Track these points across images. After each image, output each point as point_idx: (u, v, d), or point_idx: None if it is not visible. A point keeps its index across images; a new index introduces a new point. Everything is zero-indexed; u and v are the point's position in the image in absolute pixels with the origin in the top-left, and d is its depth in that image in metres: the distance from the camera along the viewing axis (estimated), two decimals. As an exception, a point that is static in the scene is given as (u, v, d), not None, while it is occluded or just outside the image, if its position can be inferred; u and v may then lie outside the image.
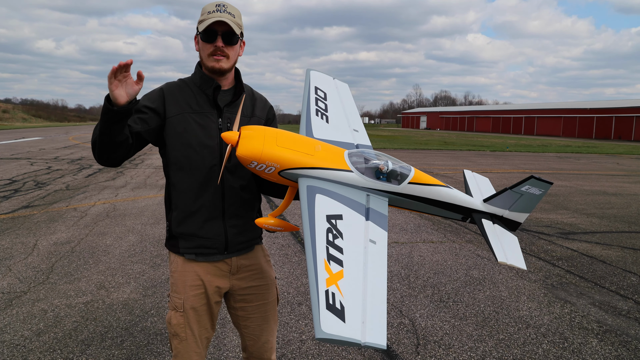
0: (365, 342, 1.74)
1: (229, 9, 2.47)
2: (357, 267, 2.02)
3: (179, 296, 2.57)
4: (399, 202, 2.56)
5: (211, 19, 2.41)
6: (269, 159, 2.27)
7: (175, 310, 2.57)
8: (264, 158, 2.27)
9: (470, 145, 41.22)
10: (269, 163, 2.28)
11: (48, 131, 54.86)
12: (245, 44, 2.68)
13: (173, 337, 2.59)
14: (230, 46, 2.48)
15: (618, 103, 76.62)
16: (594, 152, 36.10)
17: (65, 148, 28.44)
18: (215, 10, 2.44)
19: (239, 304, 2.71)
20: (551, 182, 2.75)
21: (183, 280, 2.57)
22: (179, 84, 2.61)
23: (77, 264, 6.50)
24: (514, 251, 2.70)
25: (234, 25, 2.44)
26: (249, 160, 2.26)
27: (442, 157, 27.86)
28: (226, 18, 2.41)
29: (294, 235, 8.18)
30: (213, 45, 2.45)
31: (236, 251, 2.63)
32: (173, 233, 2.58)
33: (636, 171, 21.62)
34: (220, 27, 2.43)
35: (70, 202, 11.03)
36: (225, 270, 2.63)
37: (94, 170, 17.11)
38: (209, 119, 2.53)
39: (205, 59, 2.50)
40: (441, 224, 9.48)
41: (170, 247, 2.63)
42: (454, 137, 64.09)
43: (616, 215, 10.74)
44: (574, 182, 16.94)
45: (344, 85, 3.31)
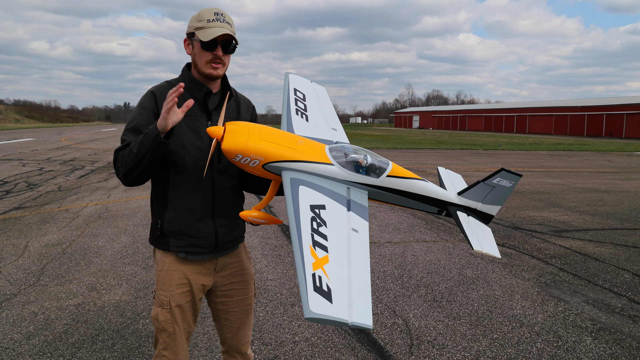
0: (352, 322, 1.82)
1: (226, 19, 2.54)
2: (342, 253, 2.11)
3: (165, 294, 2.64)
4: (378, 195, 2.67)
5: (214, 29, 2.47)
6: (254, 152, 2.35)
7: (162, 307, 2.64)
8: (248, 151, 2.34)
9: (463, 144, 41.31)
10: (253, 156, 2.36)
11: (40, 132, 54.53)
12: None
13: (161, 332, 2.67)
14: (227, 55, 2.58)
15: (608, 101, 77.10)
16: (585, 150, 36.28)
17: (57, 149, 28.25)
18: (215, 20, 2.49)
19: (220, 299, 2.83)
20: (520, 175, 2.90)
21: (169, 278, 2.64)
22: (167, 87, 2.63)
23: (68, 266, 6.44)
24: (489, 241, 2.84)
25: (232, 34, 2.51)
26: (233, 153, 2.33)
27: (435, 156, 27.91)
28: (227, 29, 2.49)
29: (286, 236, 8.15)
30: (213, 53, 2.52)
31: (224, 250, 2.73)
32: (164, 231, 2.62)
33: (627, 168, 21.73)
34: (221, 37, 2.49)
35: (62, 203, 10.95)
36: (211, 269, 2.74)
37: (86, 172, 17.00)
38: (199, 122, 2.60)
39: (203, 66, 2.56)
40: (434, 223, 9.48)
41: (159, 245, 2.67)
42: (447, 136, 64.23)
43: (608, 213, 10.78)
44: (566, 179, 17.00)
45: (321, 87, 3.44)
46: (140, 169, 2.41)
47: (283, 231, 8.48)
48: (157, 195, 2.67)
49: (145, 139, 2.34)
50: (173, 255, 2.65)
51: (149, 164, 2.40)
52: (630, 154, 32.54)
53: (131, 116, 2.61)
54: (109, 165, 18.94)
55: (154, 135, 2.31)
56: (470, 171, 19.37)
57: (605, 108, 72.97)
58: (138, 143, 2.36)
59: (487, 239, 2.85)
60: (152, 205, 2.71)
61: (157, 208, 2.67)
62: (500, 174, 2.85)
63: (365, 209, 2.45)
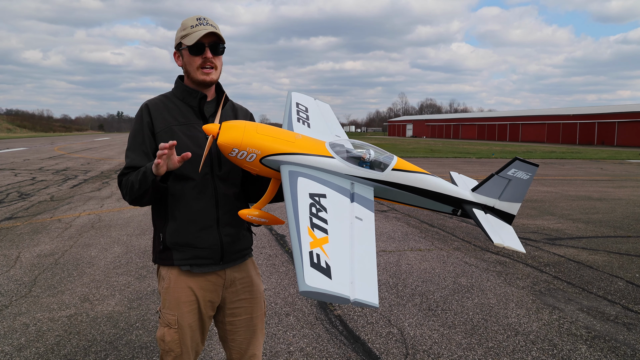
0: (355, 298, 1.68)
1: (209, 22, 2.52)
2: (344, 236, 1.98)
3: (173, 312, 2.54)
4: (385, 191, 2.53)
5: (199, 32, 2.45)
6: (250, 144, 2.29)
7: (169, 327, 2.53)
8: (244, 145, 2.28)
9: (457, 153, 41.46)
10: (249, 149, 2.29)
11: (33, 141, 54.27)
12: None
13: (167, 353, 2.55)
14: (217, 56, 2.53)
15: (600, 109, 77.72)
16: (578, 158, 36.48)
17: (50, 158, 28.12)
18: (198, 24, 2.48)
19: (228, 318, 2.69)
20: (537, 165, 2.73)
21: (176, 297, 2.54)
22: (161, 99, 2.63)
23: (60, 277, 6.38)
24: (510, 236, 2.65)
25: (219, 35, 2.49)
26: (229, 147, 2.28)
27: (429, 164, 27.97)
28: (212, 29, 2.46)
29: (281, 245, 8.13)
30: (202, 57, 2.49)
31: (231, 261, 2.62)
32: (167, 244, 2.53)
33: (619, 176, 21.85)
34: (207, 39, 2.47)
35: (55, 213, 10.88)
36: (219, 284, 2.62)
37: (79, 181, 16.92)
38: (196, 129, 2.54)
39: (194, 72, 2.53)
40: (429, 231, 9.48)
41: (162, 261, 2.58)
42: (440, 144, 64.45)
43: (601, 220, 10.82)
44: (559, 187, 17.07)
45: (325, 104, 3.35)
46: (146, 198, 2.44)
47: (277, 240, 8.45)
48: (158, 208, 2.60)
49: (144, 178, 2.35)
50: (177, 270, 2.55)
51: (154, 195, 2.42)
52: (622, 162, 32.73)
53: (130, 132, 2.62)
54: (102, 175, 18.86)
55: (152, 180, 2.32)
56: (464, 179, 19.40)
57: (597, 116, 73.52)
58: (139, 181, 2.37)
59: (508, 233, 2.67)
60: (154, 220, 2.64)
61: (158, 222, 2.60)
62: (515, 164, 2.69)
63: (370, 202, 2.31)
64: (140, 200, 2.45)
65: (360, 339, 4.64)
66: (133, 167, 2.49)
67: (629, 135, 67.73)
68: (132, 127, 2.61)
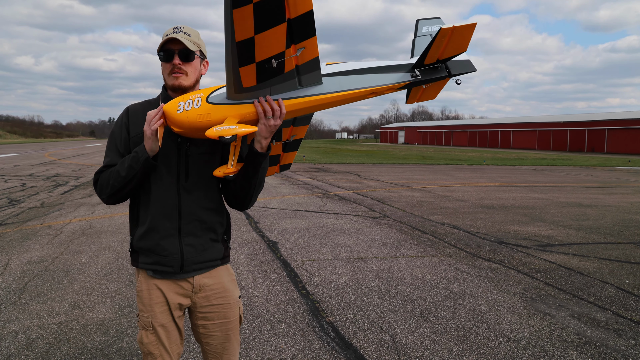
0: None
1: (185, 30, 2.60)
2: None
3: (147, 314, 2.61)
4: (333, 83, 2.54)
5: (165, 39, 2.56)
6: (192, 94, 2.46)
7: (145, 329, 2.60)
8: (185, 97, 2.43)
9: (448, 159, 41.62)
10: (192, 97, 2.42)
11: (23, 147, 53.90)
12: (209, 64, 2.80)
13: (147, 356, 2.61)
14: (187, 63, 2.59)
15: (590, 116, 78.36)
16: (568, 165, 36.72)
17: (40, 164, 27.95)
18: (172, 32, 2.56)
19: (200, 322, 2.72)
20: (438, 17, 2.94)
21: (149, 298, 2.62)
22: (144, 104, 2.72)
23: (50, 283, 6.33)
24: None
25: (188, 43, 2.54)
26: (174, 104, 2.41)
27: (421, 171, 28.07)
28: (181, 37, 2.53)
29: (272, 252, 8.11)
30: (171, 63, 2.57)
31: (192, 271, 2.63)
32: (134, 247, 2.64)
33: (609, 183, 22.01)
34: (176, 46, 2.55)
35: (45, 219, 10.81)
36: (188, 289, 2.66)
37: (70, 187, 16.82)
38: (168, 139, 2.57)
39: (166, 78, 2.63)
40: (420, 238, 9.49)
41: (132, 262, 2.69)
42: (432, 151, 64.69)
43: (592, 227, 10.89)
44: (550, 194, 17.17)
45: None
46: (127, 189, 2.53)
47: (269, 247, 8.43)
48: (132, 211, 2.71)
49: (134, 162, 2.43)
50: (145, 272, 2.64)
51: (136, 184, 2.52)
52: (612, 169, 32.98)
53: (109, 133, 2.73)
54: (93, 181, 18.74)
55: (145, 159, 2.42)
56: (456, 186, 19.50)
57: (587, 124, 74.13)
58: (127, 167, 2.45)
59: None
60: (129, 222, 2.74)
61: (132, 224, 2.71)
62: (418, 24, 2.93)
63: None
64: (121, 190, 2.53)
65: (352, 346, 4.63)
66: (110, 166, 2.59)
67: (619, 142, 68.33)
68: (113, 127, 2.71)
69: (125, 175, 2.45)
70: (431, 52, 2.54)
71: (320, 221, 11.00)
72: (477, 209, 13.45)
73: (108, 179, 2.53)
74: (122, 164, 2.48)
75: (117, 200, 2.61)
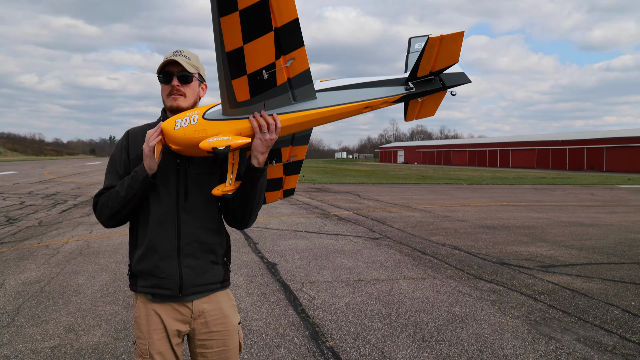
0: None
1: (184, 53, 2.65)
2: None
3: (144, 342, 2.55)
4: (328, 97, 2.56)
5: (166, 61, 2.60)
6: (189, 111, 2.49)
7: (142, 357, 2.54)
8: (183, 114, 2.46)
9: (448, 179, 41.60)
10: (189, 114, 2.45)
11: (23, 165, 53.90)
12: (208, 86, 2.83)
13: None
14: (185, 85, 2.62)
15: (588, 135, 78.69)
16: (568, 183, 36.69)
17: (40, 182, 27.89)
18: (172, 55, 2.61)
19: (198, 349, 2.65)
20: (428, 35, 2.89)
21: (147, 324, 2.56)
22: (143, 127, 2.74)
23: (45, 305, 6.22)
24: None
25: (187, 65, 2.58)
26: (172, 122, 2.43)
27: (421, 191, 28.01)
28: (180, 60, 2.57)
29: (272, 274, 8.01)
30: (170, 85, 2.61)
31: (191, 294, 2.58)
32: (133, 270, 2.60)
33: (610, 201, 21.94)
34: (175, 69, 2.59)
35: (43, 238, 10.71)
36: (187, 315, 2.60)
37: (68, 206, 16.73)
38: (168, 159, 2.57)
39: (165, 99, 2.65)
40: (421, 259, 9.39)
41: (131, 286, 2.64)
42: (432, 170, 64.73)
43: (594, 247, 10.78)
44: (551, 213, 17.08)
45: None
46: (126, 210, 2.52)
47: (268, 268, 8.33)
48: (131, 233, 2.68)
49: (133, 181, 2.45)
50: (143, 297, 2.60)
51: (135, 205, 2.52)
52: (612, 187, 32.94)
53: (110, 156, 2.75)
54: (92, 200, 18.66)
55: (144, 177, 2.43)
56: (457, 206, 19.42)
57: (585, 142, 74.37)
58: (126, 187, 2.46)
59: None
60: (129, 244, 2.71)
61: (130, 247, 2.68)
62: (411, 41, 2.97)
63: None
64: (121, 212, 2.53)
65: None
66: (109, 188, 2.59)
67: (617, 160, 68.46)
68: (112, 152, 2.74)
69: (124, 195, 2.46)
70: (423, 64, 2.56)
71: (320, 242, 10.90)
72: (477, 229, 13.36)
73: (107, 200, 2.54)
74: (122, 184, 2.50)
75: (116, 222, 2.60)
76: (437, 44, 2.45)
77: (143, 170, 2.44)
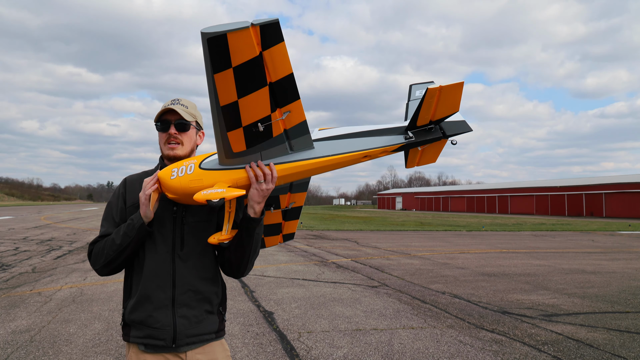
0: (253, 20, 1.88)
1: (182, 102, 2.67)
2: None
3: None
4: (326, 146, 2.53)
5: (162, 110, 2.61)
6: (186, 160, 2.49)
7: None
8: (179, 163, 2.45)
9: (447, 225, 41.45)
10: (186, 164, 2.43)
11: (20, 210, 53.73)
12: (205, 135, 2.85)
13: None
14: (183, 132, 2.63)
15: (586, 181, 78.95)
16: (568, 230, 36.53)
17: (35, 228, 27.71)
18: (169, 104, 2.62)
19: None
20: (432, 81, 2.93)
21: None
22: (141, 175, 2.73)
23: (35, 355, 6.02)
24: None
25: (184, 113, 2.60)
26: (168, 171, 2.41)
27: (419, 238, 27.85)
28: (177, 108, 2.59)
29: (268, 323, 7.82)
30: (167, 133, 2.62)
31: (185, 345, 2.49)
32: (126, 320, 2.53)
33: (612, 248, 21.76)
34: (173, 117, 2.61)
35: (35, 285, 10.51)
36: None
37: (63, 252, 16.55)
38: (164, 207, 2.56)
39: (162, 148, 2.65)
40: (421, 308, 9.20)
41: (124, 336, 2.56)
42: (430, 217, 64.62)
43: (597, 295, 10.60)
44: (552, 260, 16.90)
45: None
46: (121, 258, 2.48)
47: (265, 318, 8.14)
48: (126, 282, 2.63)
49: (129, 229, 2.42)
50: (135, 348, 2.51)
51: (131, 253, 2.48)
52: (613, 234, 32.77)
53: (107, 203, 2.72)
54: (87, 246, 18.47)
55: (140, 225, 2.40)
56: (456, 253, 19.25)
57: (584, 188, 74.58)
58: (122, 235, 2.43)
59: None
60: (123, 293, 2.64)
61: (125, 296, 2.61)
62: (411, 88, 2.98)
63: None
64: (116, 259, 2.48)
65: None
66: (105, 236, 2.56)
67: (617, 206, 68.48)
68: (110, 197, 2.71)
69: (120, 242, 2.43)
70: (422, 114, 2.53)
71: (317, 290, 10.71)
72: (478, 276, 13.17)
73: (103, 248, 2.51)
74: (118, 232, 2.47)
75: (111, 270, 2.56)
76: (436, 94, 2.43)
77: (139, 218, 2.41)
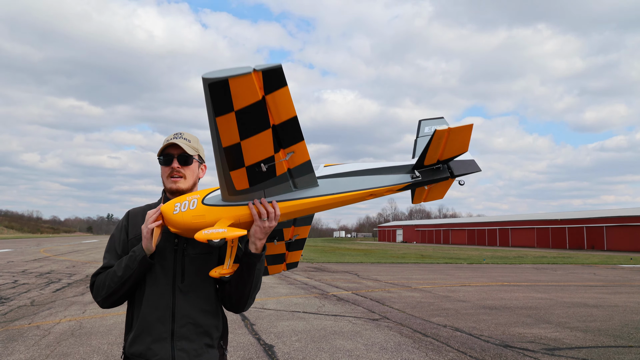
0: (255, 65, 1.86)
1: (185, 136, 2.71)
2: None
3: None
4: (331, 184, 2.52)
5: (165, 145, 2.66)
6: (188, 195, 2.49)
7: None
8: (182, 198, 2.46)
9: (447, 258, 41.24)
10: (189, 199, 2.44)
11: (19, 242, 53.51)
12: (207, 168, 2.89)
13: None
14: (185, 166, 2.67)
15: (587, 214, 78.79)
16: (569, 263, 36.32)
17: (34, 261, 27.58)
18: (172, 138, 2.67)
19: None
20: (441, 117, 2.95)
21: None
22: (144, 207, 2.77)
23: (32, 390, 5.96)
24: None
25: (187, 147, 2.64)
26: (171, 206, 2.42)
27: (420, 271, 27.69)
28: (180, 142, 2.63)
29: (269, 356, 7.75)
30: (170, 167, 2.66)
31: None
32: (126, 353, 2.52)
33: (613, 281, 21.62)
34: (175, 151, 2.65)
35: (34, 319, 10.44)
36: None
37: (62, 285, 16.45)
38: (166, 239, 2.57)
39: (165, 181, 2.69)
40: (422, 341, 9.12)
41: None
42: (431, 250, 64.32)
43: (600, 329, 10.51)
44: (554, 294, 16.79)
45: None
46: (123, 290, 2.49)
47: (265, 351, 8.07)
48: (127, 314, 2.64)
49: (131, 261, 2.43)
50: None
51: (132, 285, 2.49)
52: (615, 267, 32.57)
53: (110, 235, 2.75)
54: (87, 279, 18.38)
55: (141, 257, 2.41)
56: (457, 286, 19.12)
57: (585, 221, 74.39)
58: (123, 267, 2.44)
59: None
60: (125, 326, 2.65)
61: (126, 328, 2.62)
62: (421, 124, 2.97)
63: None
64: (118, 291, 2.49)
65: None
66: (107, 268, 2.58)
67: (618, 239, 68.19)
68: (112, 232, 2.74)
69: (121, 275, 2.44)
70: (430, 153, 2.51)
71: (318, 323, 10.63)
72: (479, 309, 13.08)
73: (104, 280, 2.51)
74: (119, 264, 2.48)
75: (112, 303, 2.56)
76: (444, 136, 2.41)
77: (141, 251, 2.43)
